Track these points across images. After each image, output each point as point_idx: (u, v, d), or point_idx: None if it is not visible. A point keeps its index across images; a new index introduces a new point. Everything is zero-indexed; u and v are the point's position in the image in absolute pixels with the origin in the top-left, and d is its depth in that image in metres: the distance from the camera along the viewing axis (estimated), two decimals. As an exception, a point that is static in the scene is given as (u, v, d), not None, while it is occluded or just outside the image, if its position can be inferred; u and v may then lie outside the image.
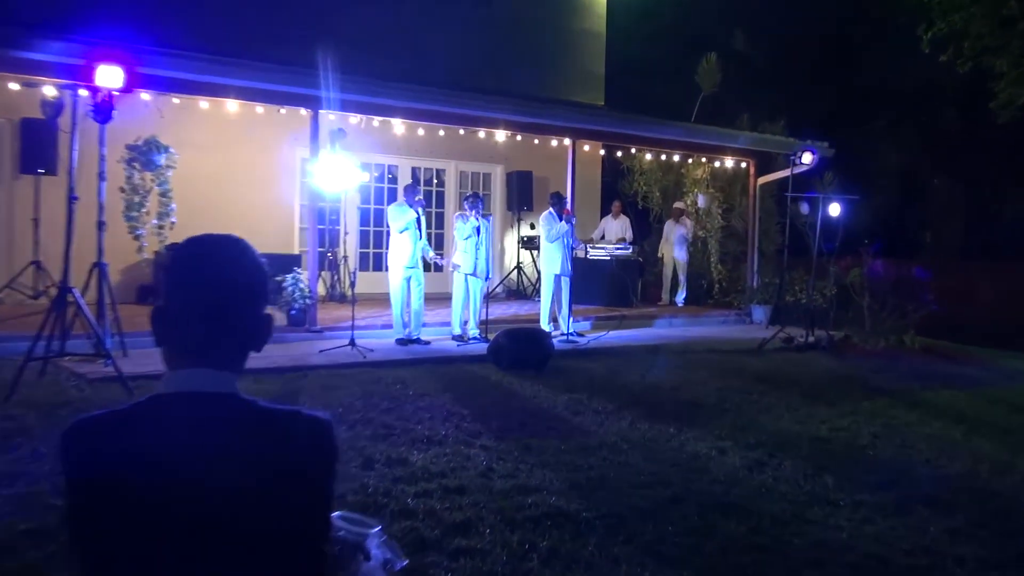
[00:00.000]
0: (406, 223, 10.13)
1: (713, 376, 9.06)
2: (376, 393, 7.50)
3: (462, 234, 10.57)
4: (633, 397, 7.77)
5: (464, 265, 10.63)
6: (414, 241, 10.24)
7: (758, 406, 7.64)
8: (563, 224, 11.23)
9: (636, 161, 16.58)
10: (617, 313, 13.06)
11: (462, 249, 10.62)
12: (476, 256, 10.64)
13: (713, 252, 15.77)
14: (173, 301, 1.64)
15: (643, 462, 5.71)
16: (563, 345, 10.62)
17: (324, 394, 7.40)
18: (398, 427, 6.34)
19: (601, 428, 6.58)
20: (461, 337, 10.72)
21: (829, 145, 14.21)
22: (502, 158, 15.84)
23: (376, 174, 15.11)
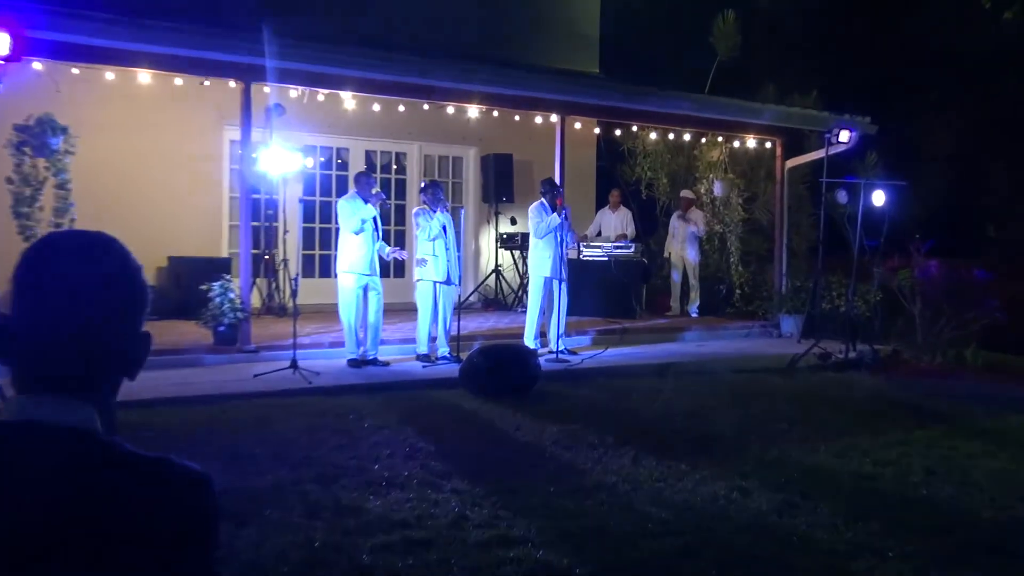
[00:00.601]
0: (360, 222, 10.12)
1: (734, 401, 9.07)
2: (323, 426, 7.46)
3: (426, 234, 10.57)
4: (637, 428, 7.77)
5: (431, 271, 10.63)
6: (370, 242, 10.23)
7: (788, 437, 7.66)
8: (555, 217, 11.26)
9: (639, 141, 16.65)
10: (617, 326, 13.08)
11: (427, 252, 10.63)
12: (448, 260, 10.66)
13: (733, 251, 15.85)
14: (19, 311, 1.60)
15: (649, 507, 5.70)
16: (552, 365, 10.61)
17: (258, 428, 7.36)
18: (350, 467, 6.31)
19: (598, 466, 6.57)
20: (428, 357, 10.71)
21: (871, 121, 14.32)
22: (476, 138, 15.85)
23: (322, 159, 15.10)
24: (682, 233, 15.26)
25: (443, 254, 10.62)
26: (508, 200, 15.79)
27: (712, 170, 16.11)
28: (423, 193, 10.97)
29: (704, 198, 16.09)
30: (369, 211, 10.17)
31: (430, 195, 10.74)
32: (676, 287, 15.44)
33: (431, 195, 10.73)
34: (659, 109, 13.57)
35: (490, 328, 12.75)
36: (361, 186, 10.36)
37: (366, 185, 10.36)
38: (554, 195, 11.44)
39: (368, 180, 10.47)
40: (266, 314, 13.36)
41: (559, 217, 11.24)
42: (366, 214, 10.15)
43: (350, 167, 15.10)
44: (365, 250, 10.20)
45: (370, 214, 10.18)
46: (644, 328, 13.54)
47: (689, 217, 15.21)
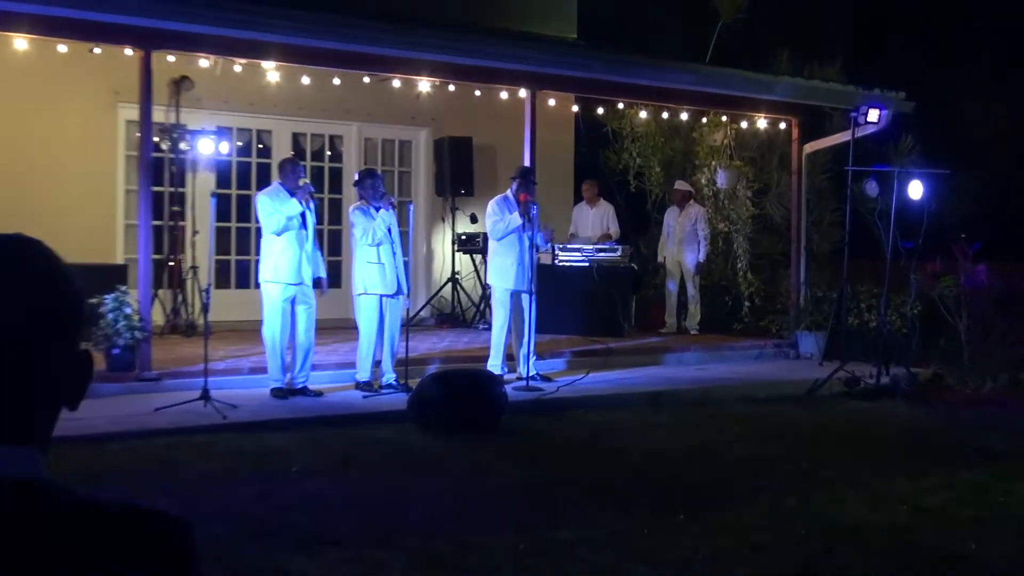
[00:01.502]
0: (284, 220, 10.08)
1: (743, 437, 9.10)
2: (241, 470, 7.42)
3: (368, 237, 10.54)
4: (625, 470, 7.77)
5: (375, 282, 10.61)
6: (297, 245, 10.18)
7: (809, 481, 7.68)
8: (515, 216, 11.26)
9: (625, 122, 16.71)
10: (601, 346, 13.09)
11: (369, 259, 10.61)
12: (396, 267, 10.65)
13: (740, 254, 15.94)
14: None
15: (640, 568, 5.71)
16: (521, 395, 10.62)
17: (161, 473, 7.31)
18: (274, 522, 6.27)
19: (577, 517, 6.56)
20: (369, 385, 10.69)
21: (907, 97, 14.43)
22: (428, 118, 15.85)
23: (240, 143, 15.07)
24: (678, 233, 15.34)
25: (389, 261, 10.59)
26: (467, 193, 15.81)
27: (715, 156, 16.20)
28: (358, 187, 10.91)
29: (705, 190, 16.17)
30: (295, 207, 10.13)
31: (368, 188, 10.70)
32: (672, 298, 15.50)
33: (369, 188, 10.68)
34: (650, 82, 13.59)
35: (445, 349, 12.75)
36: (286, 176, 10.32)
37: (292, 175, 10.31)
38: (527, 187, 11.46)
39: (295, 169, 10.42)
40: (171, 333, 13.27)
41: (521, 217, 11.27)
42: (292, 210, 10.11)
43: (274, 153, 15.07)
44: (292, 254, 10.15)
45: (297, 210, 10.14)
46: (633, 348, 13.58)
47: (686, 213, 15.32)
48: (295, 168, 10.45)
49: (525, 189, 11.46)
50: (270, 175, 14.65)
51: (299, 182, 10.29)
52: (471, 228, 15.80)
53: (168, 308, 13.57)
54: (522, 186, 11.46)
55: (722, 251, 16.15)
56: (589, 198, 15.67)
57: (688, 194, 15.54)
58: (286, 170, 10.40)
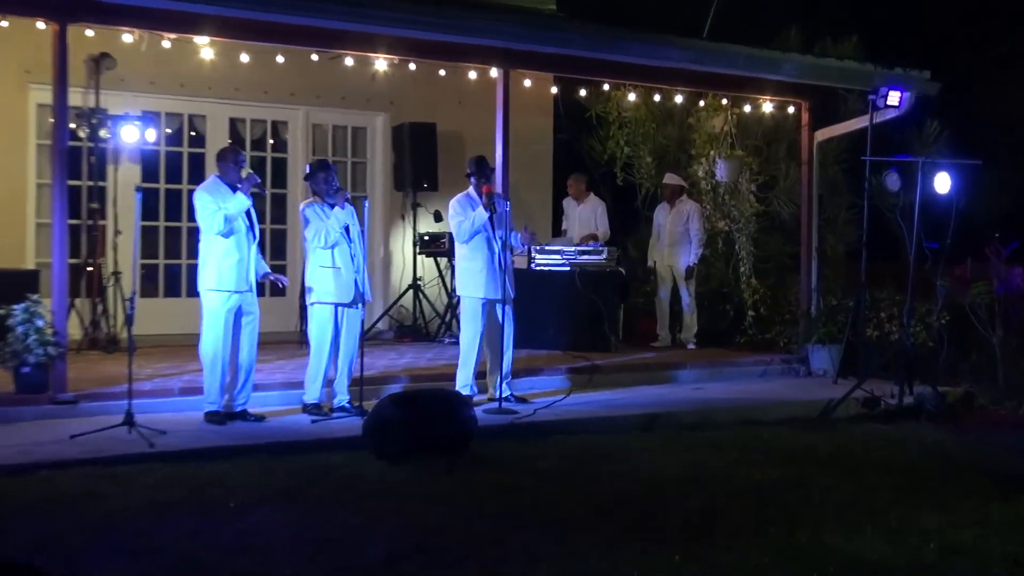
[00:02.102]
0: (222, 220, 10.01)
1: (746, 464, 9.11)
2: (172, 505, 7.38)
3: (321, 238, 10.50)
4: (612, 502, 7.76)
5: (330, 290, 10.59)
6: (241, 248, 10.16)
7: (822, 514, 7.68)
8: (480, 211, 11.26)
9: (612, 106, 16.72)
10: (585, 362, 13.13)
11: (324, 263, 10.59)
12: (356, 271, 10.63)
13: (743, 257, 15.90)
14: None
15: (630, 612, 5.70)
16: (494, 418, 10.65)
17: (79, 509, 7.25)
18: (210, 561, 6.25)
19: (554, 556, 6.55)
20: (319, 408, 10.68)
21: (932, 77, 14.44)
22: (385, 101, 15.89)
23: (169, 130, 15.07)
24: (670, 233, 15.40)
25: (346, 264, 10.57)
26: (430, 187, 15.83)
27: (714, 145, 16.15)
28: (310, 180, 10.89)
29: (703, 184, 16.14)
30: (241, 201, 10.08)
31: (321, 183, 10.67)
32: (664, 308, 15.58)
33: (322, 182, 10.66)
34: (639, 60, 13.55)
35: (406, 367, 12.75)
36: (227, 168, 10.26)
37: (233, 166, 10.26)
38: (484, 179, 11.46)
39: (237, 159, 10.35)
40: (89, 349, 13.24)
41: (486, 210, 11.26)
42: (237, 206, 10.05)
43: (209, 141, 15.09)
44: (237, 257, 10.12)
45: (243, 206, 10.09)
46: (621, 365, 13.61)
47: (678, 210, 15.36)
48: (236, 158, 10.38)
49: (486, 180, 11.49)
50: (204, 167, 14.68)
51: (242, 173, 10.25)
52: (435, 227, 15.81)
53: (87, 320, 13.52)
54: (481, 178, 11.49)
55: (722, 253, 16.16)
56: (576, 192, 15.77)
57: (680, 189, 15.61)
58: (226, 160, 10.33)
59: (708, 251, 15.76)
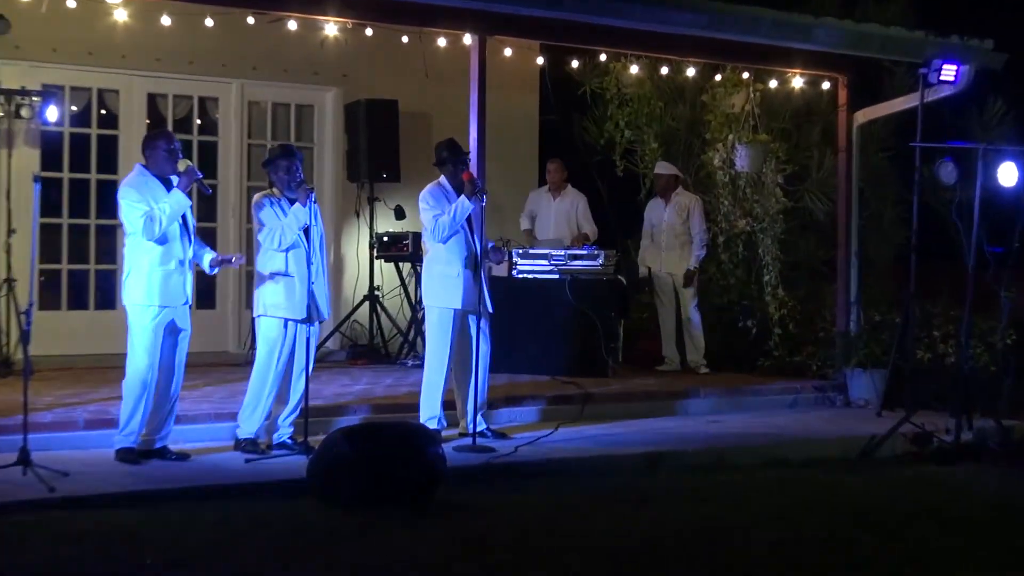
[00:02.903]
0: (166, 219, 9.82)
1: (772, 517, 9.07)
2: (75, 561, 7.32)
3: (275, 238, 10.41)
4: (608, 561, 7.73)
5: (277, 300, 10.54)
6: (175, 254, 10.03)
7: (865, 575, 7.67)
8: (463, 201, 11.14)
9: (610, 80, 16.72)
10: (577, 390, 13.12)
11: (273, 268, 10.51)
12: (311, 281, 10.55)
13: (768, 262, 15.97)
14: None
15: None
16: (466, 457, 10.61)
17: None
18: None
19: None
20: (255, 444, 10.62)
21: (996, 47, 14.45)
22: (337, 75, 15.92)
23: (74, 108, 15.02)
24: (667, 233, 15.42)
25: (302, 273, 10.47)
26: (391, 177, 15.85)
27: (733, 128, 16.21)
28: (268, 168, 10.78)
29: (720, 175, 16.18)
30: (179, 202, 9.91)
31: (282, 172, 10.57)
32: (669, 324, 15.60)
33: (284, 172, 10.56)
34: (643, 25, 13.52)
35: (361, 395, 12.71)
36: (157, 157, 10.05)
37: (166, 155, 10.05)
38: (457, 166, 11.35)
39: (170, 146, 10.07)
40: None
41: (470, 203, 11.14)
42: (174, 206, 9.86)
43: (122, 122, 15.09)
44: (172, 266, 10.00)
45: (180, 208, 9.93)
46: (621, 393, 13.60)
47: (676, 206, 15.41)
48: (169, 145, 10.10)
49: (464, 166, 11.44)
50: (117, 152, 14.64)
51: (179, 165, 10.07)
52: (396, 226, 15.82)
53: (-28, 338, 13.47)
54: (458, 163, 11.41)
55: (743, 258, 16.21)
56: (554, 182, 15.80)
57: (675, 180, 15.62)
58: (156, 148, 10.08)
59: (727, 255, 15.76)
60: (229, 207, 15.66)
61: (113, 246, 14.52)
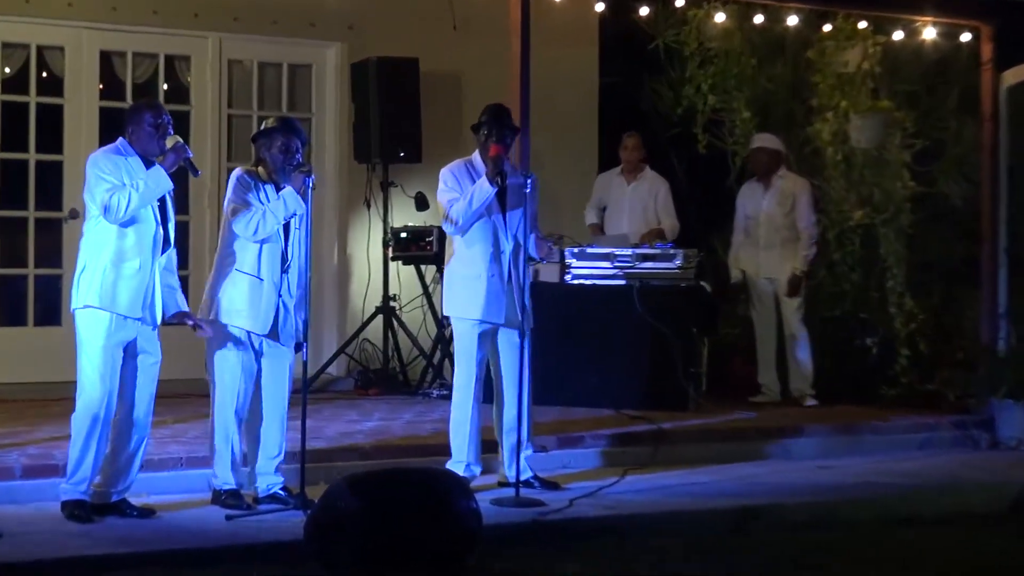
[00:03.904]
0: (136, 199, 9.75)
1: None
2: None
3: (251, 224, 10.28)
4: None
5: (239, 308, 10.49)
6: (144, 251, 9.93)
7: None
8: (483, 184, 11.07)
9: (690, 32, 16.70)
10: (647, 427, 13.15)
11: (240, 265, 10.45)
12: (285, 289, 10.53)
13: (892, 263, 15.93)
14: None
15: None
16: (509, 513, 10.59)
17: None
18: None
19: None
20: (236, 496, 10.60)
21: None
22: (342, 26, 15.98)
23: (7, 69, 15.09)
24: (765, 226, 15.42)
25: (272, 277, 10.44)
26: (410, 157, 15.86)
27: (847, 93, 16.21)
28: (263, 143, 10.61)
29: (831, 152, 16.15)
30: (160, 181, 9.79)
31: (277, 151, 10.45)
32: (768, 343, 15.58)
33: (280, 151, 10.45)
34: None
35: (373, 433, 12.73)
36: (141, 132, 9.94)
37: (152, 129, 9.94)
38: (498, 137, 11.24)
39: (158, 119, 9.93)
40: None
41: (491, 183, 11.03)
42: (152, 188, 9.74)
43: (69, 86, 15.15)
44: (137, 264, 9.86)
45: (160, 188, 9.82)
46: (704, 431, 13.63)
47: (778, 191, 15.39)
48: (156, 118, 9.98)
49: (498, 138, 11.26)
50: (62, 124, 14.67)
51: (168, 141, 10.04)
52: (418, 219, 15.83)
53: None
54: (493, 134, 11.25)
55: (860, 257, 16.19)
56: (628, 162, 15.73)
57: (777, 158, 15.59)
58: (140, 121, 9.94)
59: (839, 255, 15.71)
60: (204, 194, 15.66)
61: (58, 245, 14.61)
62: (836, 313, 15.85)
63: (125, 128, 10.06)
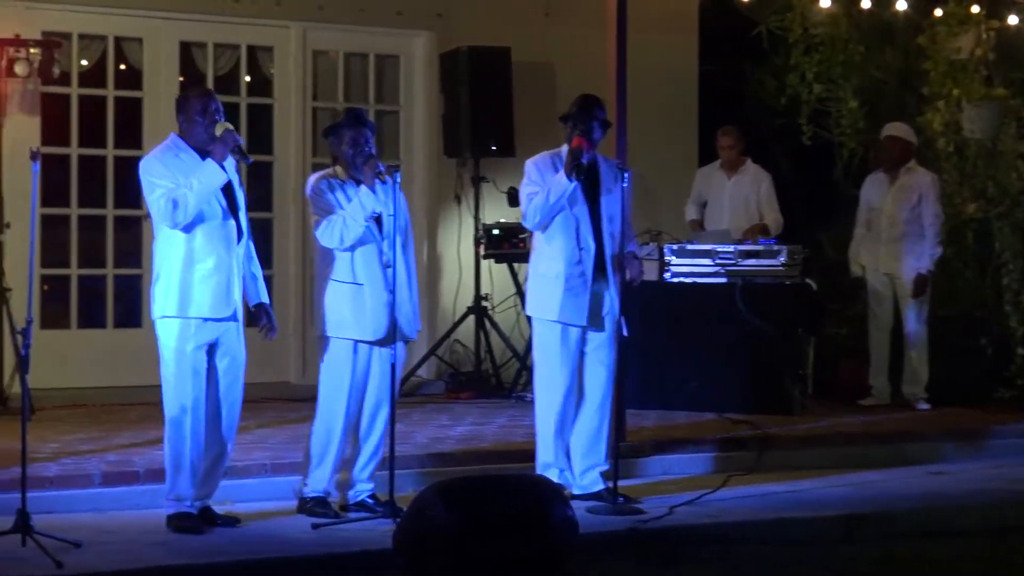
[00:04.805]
0: (193, 200, 9.75)
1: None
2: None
3: (335, 234, 10.22)
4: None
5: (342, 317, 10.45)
6: (217, 248, 9.93)
7: None
8: (560, 179, 10.92)
9: (795, 18, 16.56)
10: (750, 431, 13.09)
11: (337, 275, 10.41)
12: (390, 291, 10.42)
13: (1008, 260, 15.77)
14: None
15: None
16: (606, 521, 10.52)
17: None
18: None
19: None
20: (324, 504, 10.56)
21: None
22: (430, 14, 15.98)
23: (84, 61, 15.13)
24: (889, 221, 15.26)
25: (374, 280, 10.39)
26: (502, 151, 15.83)
27: (959, 80, 16.08)
28: (333, 140, 10.63)
29: (941, 143, 16.06)
30: (212, 175, 9.80)
31: (347, 145, 10.42)
32: (882, 344, 15.44)
33: (350, 145, 10.42)
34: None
35: (464, 440, 12.75)
36: (191, 122, 9.97)
37: (201, 118, 9.96)
38: (583, 130, 11.07)
39: (207, 106, 9.95)
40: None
41: (569, 177, 10.83)
42: (205, 183, 9.75)
43: (147, 80, 15.19)
44: (212, 264, 9.86)
45: (213, 183, 9.82)
46: (810, 437, 13.56)
47: (904, 185, 15.20)
48: (205, 105, 9.96)
49: (583, 131, 11.09)
50: (141, 121, 14.68)
51: (216, 129, 10.00)
52: (511, 215, 15.74)
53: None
54: (578, 125, 11.10)
55: (974, 254, 16.09)
56: (727, 158, 15.64)
57: (907, 148, 15.41)
58: (189, 110, 9.95)
59: (951, 251, 15.56)
60: (288, 191, 15.74)
61: (138, 244, 14.67)
62: (949, 313, 15.68)
63: (177, 119, 10.05)
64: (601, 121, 11.21)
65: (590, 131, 11.02)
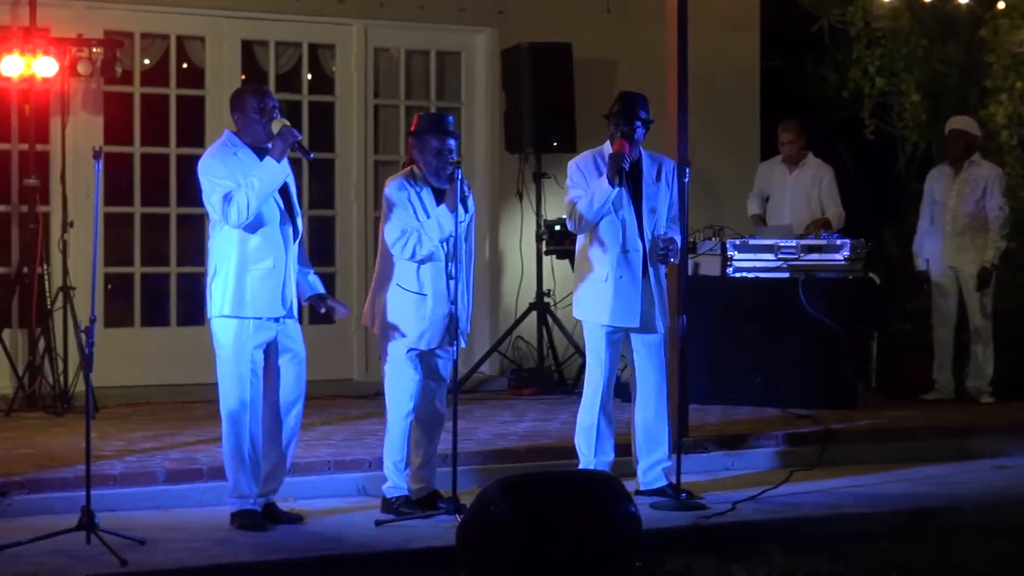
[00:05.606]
0: (254, 199, 9.71)
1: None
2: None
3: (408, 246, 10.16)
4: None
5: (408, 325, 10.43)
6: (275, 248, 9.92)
7: None
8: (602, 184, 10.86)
9: (855, 12, 16.55)
10: (813, 427, 13.11)
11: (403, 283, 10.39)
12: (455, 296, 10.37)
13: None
14: None
15: None
16: (668, 517, 10.58)
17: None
18: None
19: None
20: (409, 503, 10.53)
21: None
22: (491, 10, 16.02)
23: (146, 60, 15.21)
24: (954, 214, 15.23)
25: (439, 290, 10.32)
26: (564, 146, 15.78)
27: (1022, 73, 16.06)
28: (417, 143, 10.54)
29: (1004, 136, 15.98)
30: (271, 173, 9.77)
31: (431, 154, 10.33)
32: (947, 339, 15.41)
33: (433, 154, 10.32)
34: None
35: (527, 436, 12.77)
36: (247, 120, 9.91)
37: (258, 116, 9.88)
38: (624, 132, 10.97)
39: (263, 104, 9.88)
40: (25, 410, 13.40)
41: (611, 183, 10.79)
42: (265, 182, 9.72)
43: (210, 78, 15.26)
44: (269, 264, 9.86)
45: (273, 181, 9.82)
46: (873, 431, 13.56)
47: (969, 177, 15.17)
48: (261, 103, 9.90)
49: (625, 132, 10.99)
50: (203, 119, 14.75)
51: (273, 126, 10.04)
52: (567, 216, 15.73)
53: (20, 363, 13.74)
54: (620, 126, 11.02)
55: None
56: (789, 152, 15.58)
57: (973, 141, 15.36)
58: (245, 108, 9.90)
59: (1016, 244, 15.56)
60: (350, 188, 15.79)
61: (201, 242, 14.57)
62: (1011, 306, 15.69)
63: (232, 117, 10.04)
64: (644, 120, 11.15)
65: (632, 132, 11.01)
